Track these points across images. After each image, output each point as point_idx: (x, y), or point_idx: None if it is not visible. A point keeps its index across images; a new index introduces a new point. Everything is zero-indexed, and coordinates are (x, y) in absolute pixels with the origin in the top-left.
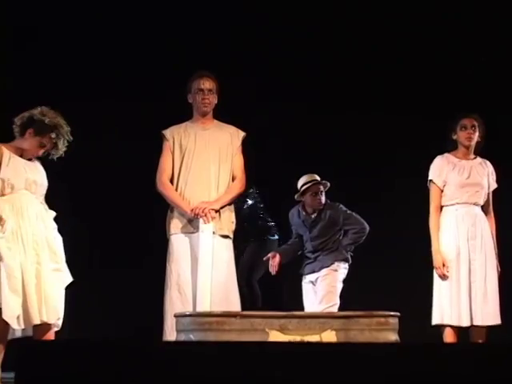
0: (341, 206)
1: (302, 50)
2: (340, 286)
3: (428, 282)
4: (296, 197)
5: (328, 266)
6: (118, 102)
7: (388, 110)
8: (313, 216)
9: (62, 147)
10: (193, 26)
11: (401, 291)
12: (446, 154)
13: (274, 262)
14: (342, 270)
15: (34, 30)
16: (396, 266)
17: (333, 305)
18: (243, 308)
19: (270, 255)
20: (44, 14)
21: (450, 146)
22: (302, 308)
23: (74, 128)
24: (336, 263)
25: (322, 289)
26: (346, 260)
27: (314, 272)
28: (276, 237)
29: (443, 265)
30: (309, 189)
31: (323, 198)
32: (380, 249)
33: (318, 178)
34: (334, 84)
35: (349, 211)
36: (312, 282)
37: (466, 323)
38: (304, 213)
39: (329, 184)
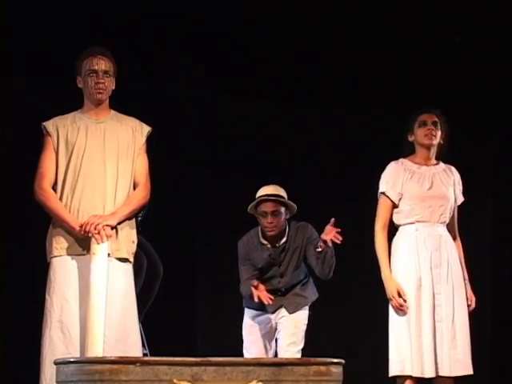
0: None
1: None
2: None
3: (381, 321)
4: (249, 208)
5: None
6: None
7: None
8: (278, 245)
9: None
10: None
11: (346, 334)
12: (401, 160)
13: (261, 291)
14: None
15: None
16: (340, 304)
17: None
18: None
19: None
20: None
21: (406, 151)
22: (220, 352)
23: None
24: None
25: (299, 325)
26: None
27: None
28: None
29: (399, 294)
30: (259, 205)
31: (281, 220)
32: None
33: (284, 193)
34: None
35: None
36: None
37: (429, 374)
38: (265, 241)
39: (295, 208)
